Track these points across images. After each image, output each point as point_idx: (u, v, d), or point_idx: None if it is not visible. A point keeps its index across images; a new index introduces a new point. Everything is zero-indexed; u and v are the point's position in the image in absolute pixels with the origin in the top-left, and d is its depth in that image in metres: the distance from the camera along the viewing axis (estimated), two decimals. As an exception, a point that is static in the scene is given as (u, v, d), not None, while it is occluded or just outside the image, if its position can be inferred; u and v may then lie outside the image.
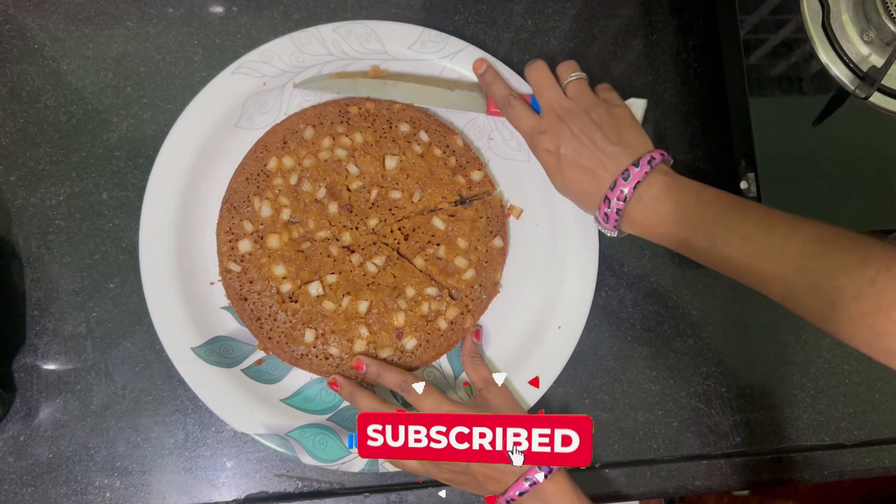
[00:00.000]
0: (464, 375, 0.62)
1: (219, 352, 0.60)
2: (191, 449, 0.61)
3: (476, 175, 0.64)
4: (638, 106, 0.62)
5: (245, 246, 0.59)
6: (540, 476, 0.51)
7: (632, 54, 0.72)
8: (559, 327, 0.62)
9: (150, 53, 0.67)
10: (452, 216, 0.61)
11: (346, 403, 0.60)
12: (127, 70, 0.66)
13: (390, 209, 0.61)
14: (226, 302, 0.60)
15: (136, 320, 0.62)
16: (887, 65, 0.61)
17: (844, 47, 0.64)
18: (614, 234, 0.57)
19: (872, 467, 0.67)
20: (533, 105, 0.61)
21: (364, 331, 0.58)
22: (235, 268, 0.59)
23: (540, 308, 0.63)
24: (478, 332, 0.62)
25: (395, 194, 0.61)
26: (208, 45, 0.67)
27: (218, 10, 0.68)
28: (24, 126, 0.64)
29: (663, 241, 0.55)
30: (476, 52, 0.66)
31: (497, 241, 0.63)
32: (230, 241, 0.59)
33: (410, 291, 0.59)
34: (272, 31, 0.67)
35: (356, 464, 0.58)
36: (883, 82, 0.63)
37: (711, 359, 0.67)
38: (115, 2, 0.67)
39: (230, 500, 0.60)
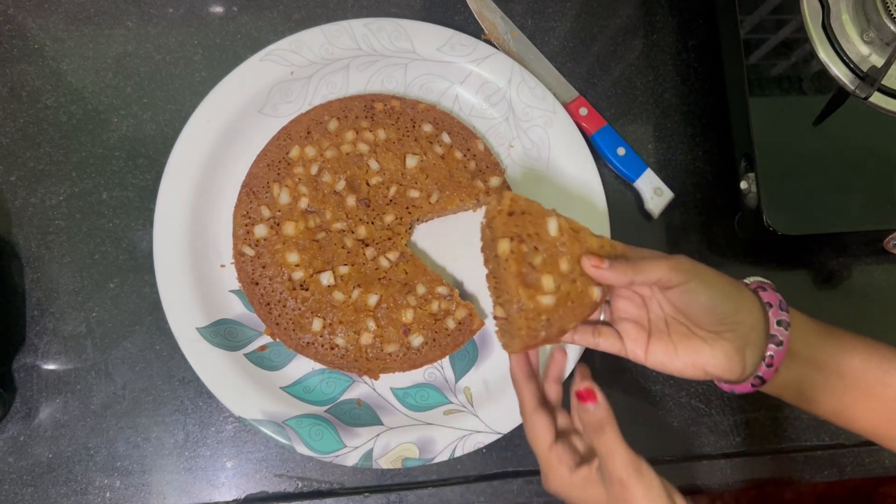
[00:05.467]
0: (463, 381, 0.62)
1: (223, 334, 0.60)
2: (191, 449, 0.61)
3: (494, 181, 0.63)
4: None
5: (261, 231, 0.59)
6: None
7: (632, 54, 0.72)
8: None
9: (150, 53, 0.67)
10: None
11: (344, 396, 0.60)
12: (127, 70, 0.66)
13: (407, 207, 0.61)
14: (235, 286, 0.61)
15: (136, 320, 0.62)
16: (887, 65, 0.61)
17: (844, 47, 0.64)
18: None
19: (872, 467, 0.67)
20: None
21: (371, 324, 0.59)
22: (249, 252, 0.59)
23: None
24: (586, 388, 0.48)
25: (413, 193, 0.61)
26: (208, 45, 0.67)
27: (218, 10, 0.68)
28: (24, 126, 0.64)
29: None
30: (504, 60, 0.66)
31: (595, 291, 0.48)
32: (246, 225, 0.60)
33: (421, 289, 0.60)
34: (272, 31, 0.68)
35: (350, 457, 0.58)
36: (883, 82, 0.63)
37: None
38: (115, 2, 0.67)
39: (230, 500, 0.60)
